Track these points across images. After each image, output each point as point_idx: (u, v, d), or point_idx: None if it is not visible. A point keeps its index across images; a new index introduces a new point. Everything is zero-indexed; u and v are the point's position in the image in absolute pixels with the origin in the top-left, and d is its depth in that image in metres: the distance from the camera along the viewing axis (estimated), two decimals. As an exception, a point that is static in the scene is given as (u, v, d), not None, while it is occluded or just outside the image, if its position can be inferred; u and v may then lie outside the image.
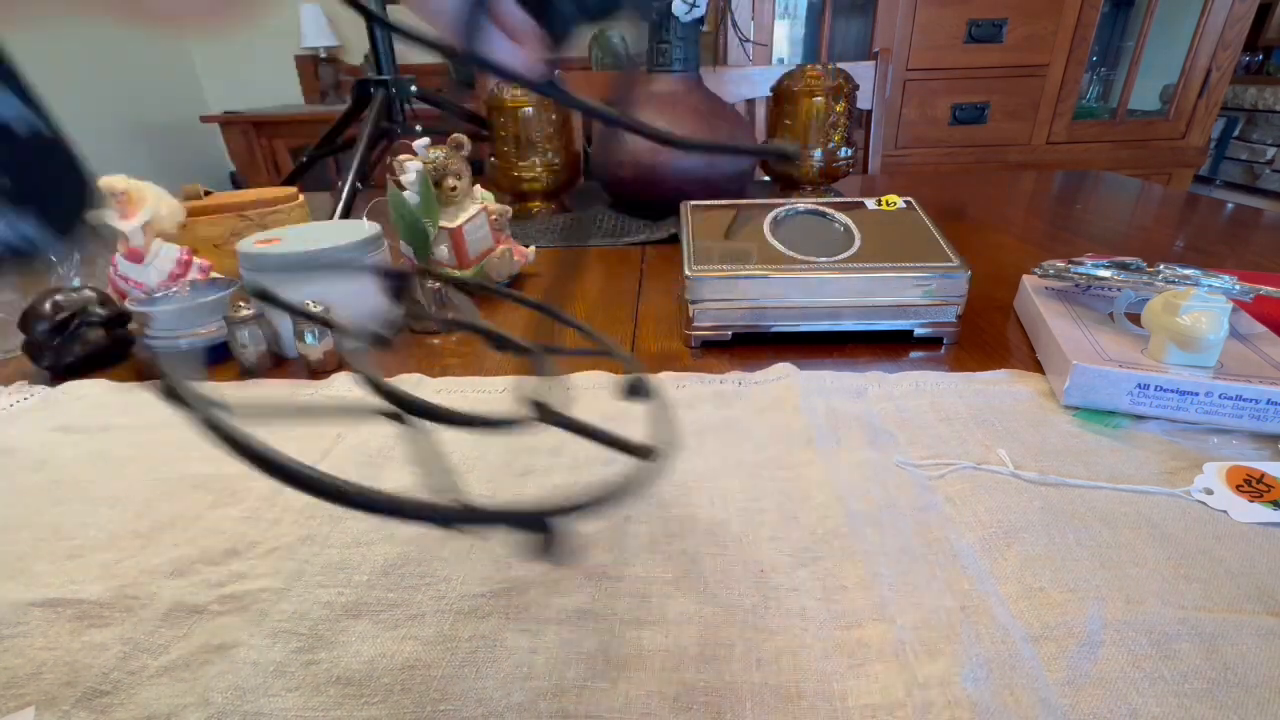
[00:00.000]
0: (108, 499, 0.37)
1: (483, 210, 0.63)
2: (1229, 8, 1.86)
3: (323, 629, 0.28)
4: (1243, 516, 0.32)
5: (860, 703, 0.24)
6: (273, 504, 0.36)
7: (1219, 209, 0.94)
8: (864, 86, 1.17)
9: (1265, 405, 0.38)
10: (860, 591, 0.29)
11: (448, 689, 0.25)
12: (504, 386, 0.47)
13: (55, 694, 0.25)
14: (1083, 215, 0.92)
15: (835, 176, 0.93)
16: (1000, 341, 0.53)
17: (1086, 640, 0.26)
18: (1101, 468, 0.37)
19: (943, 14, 1.85)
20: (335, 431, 0.42)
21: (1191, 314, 0.40)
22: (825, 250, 0.52)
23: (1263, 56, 3.09)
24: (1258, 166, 3.04)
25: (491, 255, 0.64)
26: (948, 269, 0.50)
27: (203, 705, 0.25)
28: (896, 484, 0.36)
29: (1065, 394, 0.42)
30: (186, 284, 0.55)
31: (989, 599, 0.28)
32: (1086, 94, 2.21)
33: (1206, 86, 1.95)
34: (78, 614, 0.29)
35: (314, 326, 0.49)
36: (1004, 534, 0.32)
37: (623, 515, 0.34)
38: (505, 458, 0.39)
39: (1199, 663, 0.25)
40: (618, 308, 0.63)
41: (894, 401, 0.44)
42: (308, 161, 1.38)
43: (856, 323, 0.52)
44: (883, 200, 0.59)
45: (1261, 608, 0.27)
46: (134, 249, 0.56)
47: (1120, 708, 0.23)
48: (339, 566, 0.31)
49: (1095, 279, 0.48)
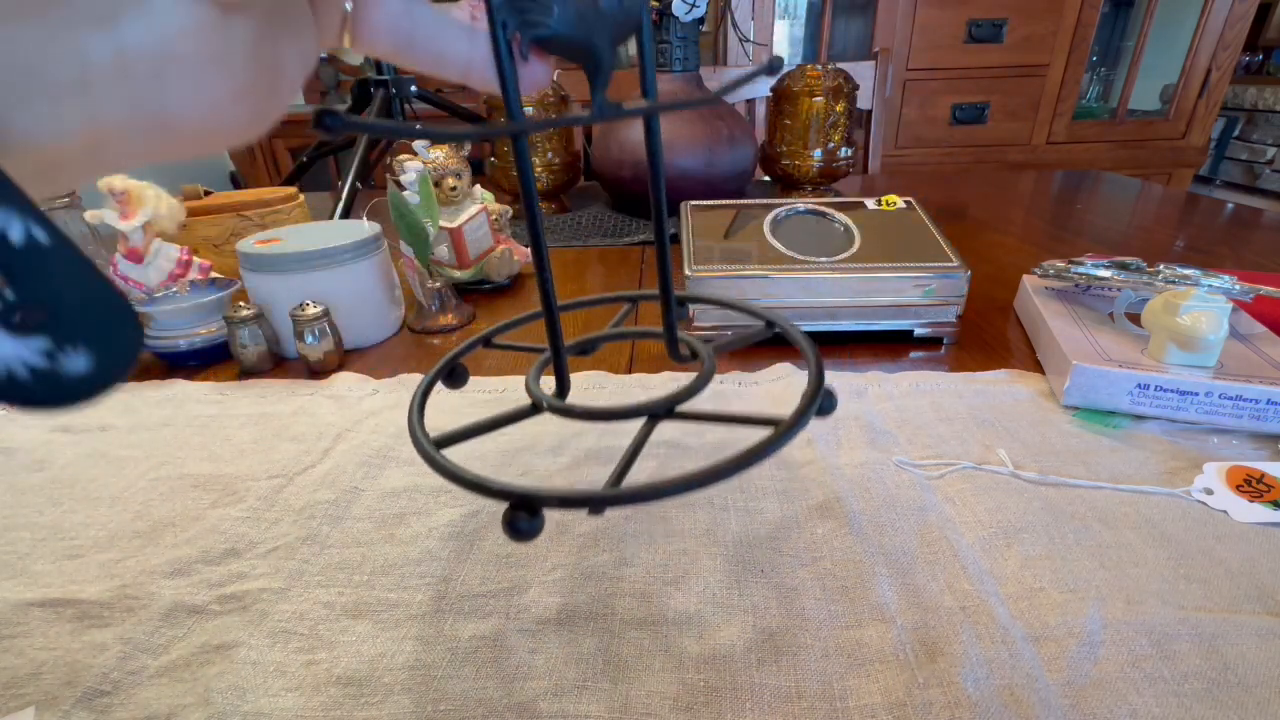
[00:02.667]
0: (107, 499, 0.37)
1: (483, 210, 0.63)
2: (1229, 8, 1.86)
3: (323, 629, 0.28)
4: (1243, 516, 0.32)
5: (860, 703, 0.24)
6: (272, 504, 0.36)
7: (1219, 209, 0.94)
8: (864, 86, 1.17)
9: (1265, 405, 0.38)
10: (860, 591, 0.29)
11: (447, 689, 0.25)
12: (504, 387, 0.47)
13: (55, 694, 0.25)
14: (1083, 215, 0.92)
15: (835, 176, 0.93)
16: (1000, 341, 0.53)
17: (1086, 640, 0.26)
18: (1101, 468, 0.37)
19: (943, 14, 1.85)
20: (336, 431, 0.42)
21: (1191, 314, 0.40)
22: (825, 250, 0.52)
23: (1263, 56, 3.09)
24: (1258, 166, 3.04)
25: (491, 255, 0.64)
26: (948, 269, 0.50)
27: (203, 705, 0.25)
28: (896, 484, 0.36)
29: (1065, 394, 0.42)
30: (186, 284, 0.55)
31: (989, 599, 0.28)
32: (1086, 94, 2.21)
33: (1206, 86, 1.95)
34: (78, 614, 0.29)
35: (314, 326, 0.49)
36: (1004, 534, 0.32)
37: (622, 515, 0.34)
38: (501, 459, 0.39)
39: (1199, 663, 0.25)
40: (617, 307, 0.62)
41: (894, 401, 0.44)
42: (308, 161, 1.38)
43: (856, 323, 0.52)
44: (883, 200, 0.59)
45: (1261, 608, 0.27)
46: (134, 249, 0.56)
47: (1120, 708, 0.23)
48: (339, 566, 0.31)
49: (1095, 279, 0.48)
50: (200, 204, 0.68)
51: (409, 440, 0.41)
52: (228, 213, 0.68)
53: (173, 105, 0.14)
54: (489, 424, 0.28)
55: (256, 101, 0.17)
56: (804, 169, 0.91)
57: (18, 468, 0.40)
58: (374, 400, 0.46)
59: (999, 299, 0.61)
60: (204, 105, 0.15)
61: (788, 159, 0.91)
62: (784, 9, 2.10)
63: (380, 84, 1.22)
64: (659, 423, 0.27)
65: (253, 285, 0.52)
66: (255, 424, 0.44)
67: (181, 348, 0.51)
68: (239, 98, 0.16)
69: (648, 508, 0.35)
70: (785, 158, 0.92)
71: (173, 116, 0.15)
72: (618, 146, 0.86)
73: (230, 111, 0.16)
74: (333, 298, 0.51)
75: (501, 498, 0.22)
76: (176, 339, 0.51)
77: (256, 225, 0.70)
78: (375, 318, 0.56)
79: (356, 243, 0.53)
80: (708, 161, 0.82)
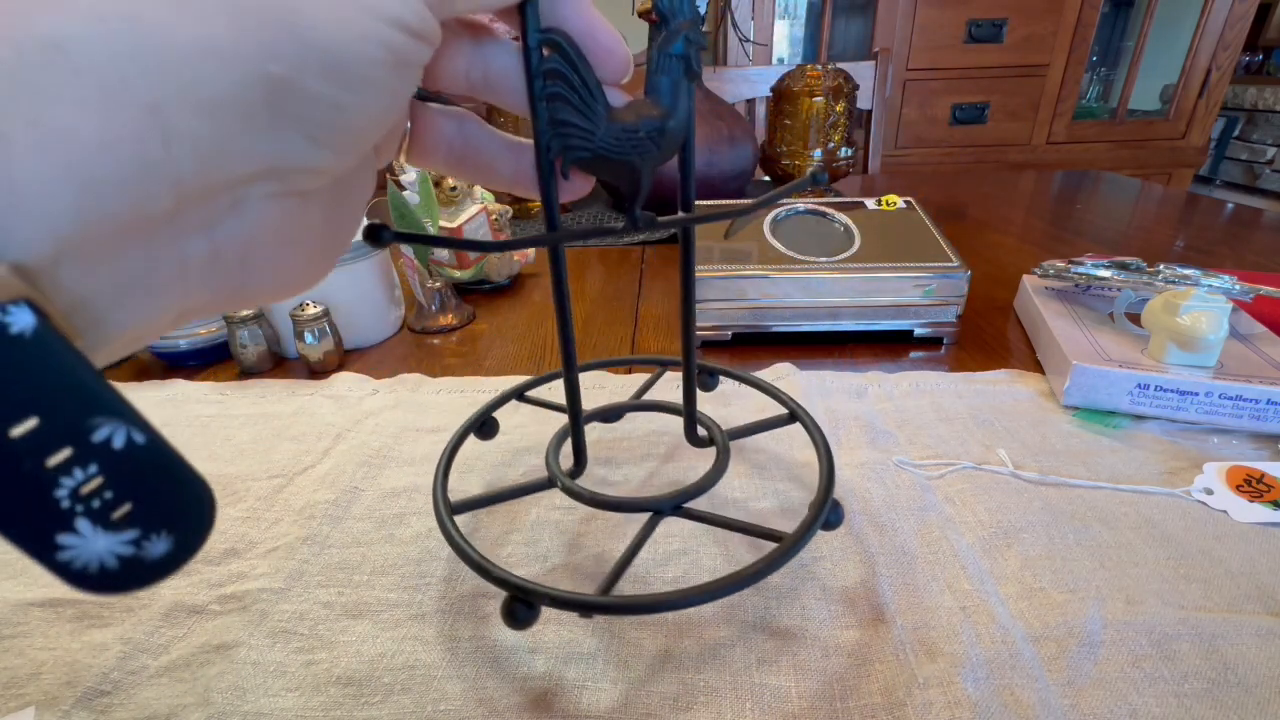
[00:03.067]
0: (108, 499, 0.37)
1: (482, 210, 0.63)
2: (1229, 8, 1.86)
3: (323, 629, 0.28)
4: (1243, 516, 0.32)
5: (860, 703, 0.24)
6: (272, 504, 0.36)
7: (1219, 209, 0.94)
8: (864, 86, 1.17)
9: (1265, 405, 0.38)
10: (860, 591, 0.29)
11: (447, 689, 0.25)
12: (503, 386, 0.47)
13: (55, 694, 0.25)
14: (1083, 215, 0.92)
15: (835, 176, 0.93)
16: (1000, 341, 0.53)
17: (1086, 640, 0.26)
18: (1101, 468, 0.37)
19: (943, 14, 1.85)
20: (335, 431, 0.42)
21: (1191, 314, 0.40)
22: (825, 250, 0.52)
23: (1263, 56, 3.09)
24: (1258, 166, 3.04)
25: (491, 255, 0.64)
26: (948, 269, 0.50)
27: (203, 705, 0.25)
28: (896, 484, 0.36)
29: (1065, 394, 0.42)
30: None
31: (989, 599, 0.28)
32: (1086, 94, 2.21)
33: (1206, 86, 1.95)
34: (78, 614, 0.29)
35: (314, 326, 0.49)
36: (1004, 534, 0.32)
37: (622, 516, 0.34)
38: (504, 458, 0.39)
39: (1199, 663, 0.25)
40: (618, 308, 0.63)
41: (894, 401, 0.44)
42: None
43: (856, 323, 0.52)
44: (883, 200, 0.59)
45: (1261, 608, 0.27)
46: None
47: (1120, 708, 0.23)
48: (339, 566, 0.31)
49: (1095, 279, 0.48)
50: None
51: (409, 440, 0.41)
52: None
53: (254, 281, 0.16)
54: (506, 493, 0.30)
55: (327, 256, 0.18)
56: (804, 169, 0.91)
57: (18, 468, 0.40)
58: (374, 400, 0.46)
59: (999, 299, 0.61)
60: (282, 275, 0.16)
61: (788, 159, 0.91)
62: (784, 9, 2.10)
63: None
64: (663, 519, 0.28)
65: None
66: (255, 424, 0.44)
67: (181, 347, 0.51)
68: (313, 260, 0.17)
69: (658, 452, 0.34)
70: (785, 158, 0.92)
71: (253, 289, 0.16)
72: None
73: (304, 273, 0.17)
74: (333, 298, 0.51)
75: (501, 586, 0.24)
76: (176, 339, 0.51)
77: (256, 225, 0.70)
78: (375, 318, 0.56)
79: (356, 243, 0.53)
80: (708, 161, 0.82)
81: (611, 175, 0.22)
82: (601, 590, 0.24)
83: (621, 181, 0.22)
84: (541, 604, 0.23)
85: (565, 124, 0.19)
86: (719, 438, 0.31)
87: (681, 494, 0.28)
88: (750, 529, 0.27)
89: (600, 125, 0.20)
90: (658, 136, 0.21)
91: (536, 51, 0.18)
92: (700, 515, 0.28)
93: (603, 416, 0.37)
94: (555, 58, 0.18)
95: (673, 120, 0.22)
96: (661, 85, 0.21)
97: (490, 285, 0.67)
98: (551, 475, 0.29)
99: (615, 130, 0.20)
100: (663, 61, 0.21)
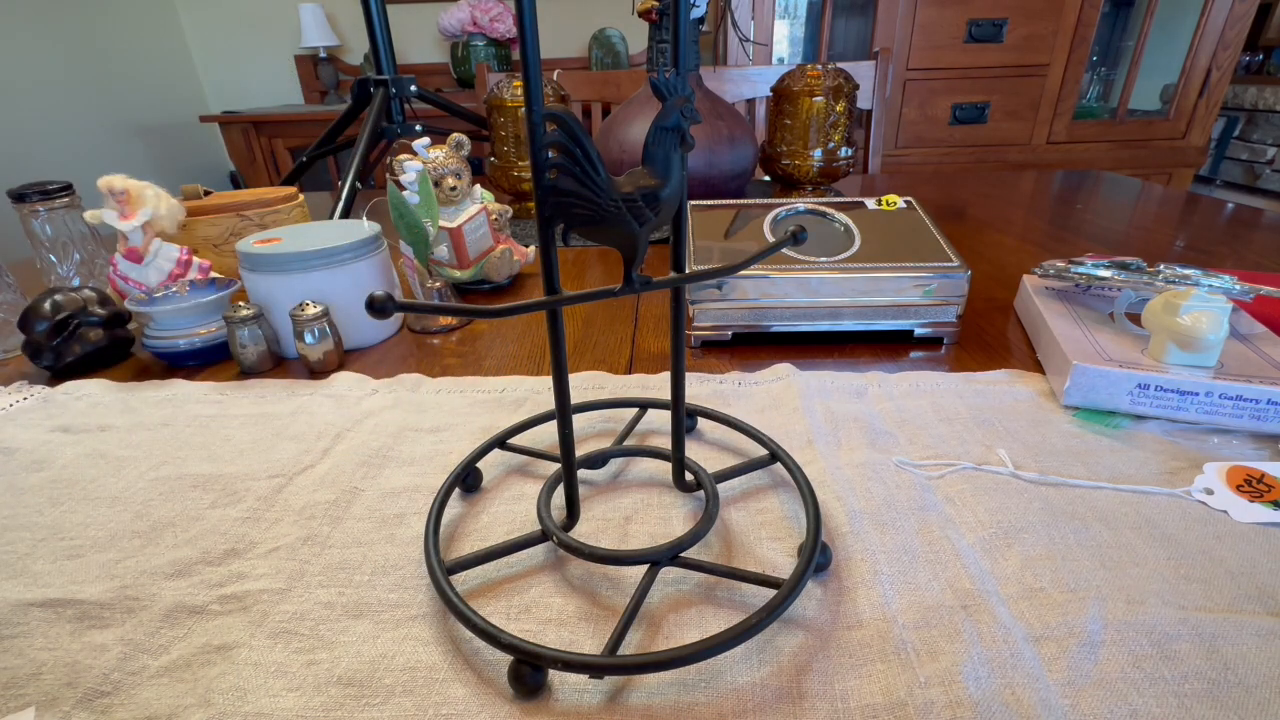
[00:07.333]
0: (107, 499, 0.37)
1: (483, 210, 0.63)
2: (1229, 8, 1.86)
3: (323, 629, 0.28)
4: (1243, 516, 0.32)
5: (861, 703, 0.24)
6: (272, 504, 0.36)
7: (1219, 209, 0.94)
8: (864, 86, 1.17)
9: (1265, 405, 0.38)
10: (861, 591, 0.29)
11: (448, 690, 0.25)
12: (503, 387, 0.47)
13: (55, 694, 0.25)
14: (1083, 215, 0.92)
15: (835, 176, 0.93)
16: (1000, 341, 0.53)
17: (1087, 640, 0.26)
18: (1101, 468, 0.37)
19: (943, 14, 1.85)
20: (335, 431, 0.42)
21: (1191, 314, 0.40)
22: (825, 250, 0.52)
23: (1263, 56, 3.09)
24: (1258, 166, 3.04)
25: (491, 255, 0.64)
26: (948, 269, 0.50)
27: (203, 706, 0.25)
28: (897, 484, 0.36)
29: (1065, 394, 0.42)
30: (186, 284, 0.55)
31: (990, 599, 0.28)
32: (1086, 94, 2.21)
33: (1206, 86, 1.95)
34: (78, 614, 0.29)
35: (314, 326, 0.49)
36: (1004, 534, 0.32)
37: (622, 517, 0.34)
38: (507, 456, 0.39)
39: (1199, 663, 0.25)
40: (618, 308, 0.63)
41: (894, 401, 0.44)
42: (307, 161, 1.37)
43: (856, 323, 0.52)
44: (883, 200, 0.59)
45: (1261, 608, 0.27)
46: (133, 249, 0.56)
47: (1120, 708, 0.23)
48: (339, 566, 0.31)
49: (1095, 279, 0.48)
50: (200, 204, 0.68)
51: (409, 440, 0.41)
52: (228, 213, 0.68)
53: None
54: (500, 550, 0.30)
55: None
56: (804, 169, 0.91)
57: (18, 468, 0.40)
58: (373, 400, 0.46)
59: (999, 299, 0.61)
60: None
61: (788, 159, 0.91)
62: (784, 9, 2.10)
63: (380, 83, 1.22)
64: (660, 569, 0.29)
65: (252, 285, 0.52)
66: (255, 424, 0.44)
67: (181, 347, 0.51)
68: None
69: (646, 499, 0.35)
70: (785, 158, 0.92)
71: None
72: (618, 146, 0.86)
73: None
74: (332, 298, 0.51)
75: (510, 652, 0.24)
76: (176, 339, 0.51)
77: (256, 225, 0.70)
78: (375, 318, 0.56)
79: (356, 243, 0.53)
80: (708, 162, 0.82)
81: (610, 240, 0.23)
82: (609, 649, 0.25)
83: (620, 246, 0.24)
84: (551, 668, 0.24)
85: (567, 193, 0.21)
86: (707, 484, 0.32)
87: (677, 544, 0.29)
88: (746, 576, 0.28)
89: (601, 194, 0.22)
90: (654, 204, 0.23)
91: (540, 126, 0.20)
92: (697, 564, 0.29)
93: (589, 463, 0.37)
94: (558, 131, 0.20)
95: (667, 189, 0.23)
96: (657, 156, 0.23)
97: (490, 286, 0.67)
98: (545, 529, 0.30)
99: (615, 198, 0.22)
100: (658, 134, 0.23)
